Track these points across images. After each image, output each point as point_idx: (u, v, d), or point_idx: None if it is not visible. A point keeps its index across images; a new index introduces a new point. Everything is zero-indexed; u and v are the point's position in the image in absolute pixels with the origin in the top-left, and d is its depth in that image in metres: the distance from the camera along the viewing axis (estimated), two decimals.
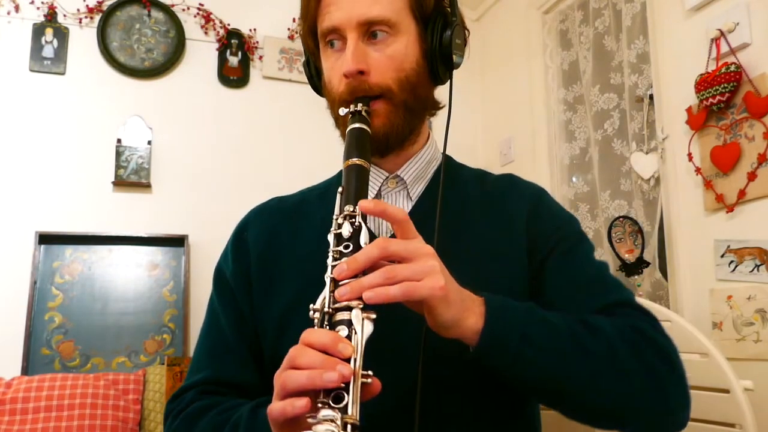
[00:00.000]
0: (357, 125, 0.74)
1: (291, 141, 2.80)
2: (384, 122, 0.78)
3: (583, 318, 0.71)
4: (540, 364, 0.66)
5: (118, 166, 2.53)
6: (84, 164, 2.53)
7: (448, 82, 0.85)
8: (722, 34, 1.78)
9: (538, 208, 0.85)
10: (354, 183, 0.68)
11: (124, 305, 2.45)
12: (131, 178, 2.54)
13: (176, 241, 2.55)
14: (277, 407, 0.55)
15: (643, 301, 1.48)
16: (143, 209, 2.56)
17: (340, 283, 0.59)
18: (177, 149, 2.64)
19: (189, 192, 2.63)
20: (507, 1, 3.00)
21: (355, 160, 0.69)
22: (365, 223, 0.64)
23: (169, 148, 2.63)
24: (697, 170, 1.86)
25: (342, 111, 0.77)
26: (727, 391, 1.23)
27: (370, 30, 0.77)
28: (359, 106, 0.75)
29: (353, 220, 0.64)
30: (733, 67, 1.73)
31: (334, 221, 0.66)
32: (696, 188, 1.89)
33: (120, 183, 2.53)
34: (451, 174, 0.86)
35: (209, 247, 2.51)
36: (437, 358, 0.71)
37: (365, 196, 0.67)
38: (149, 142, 2.58)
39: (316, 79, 0.88)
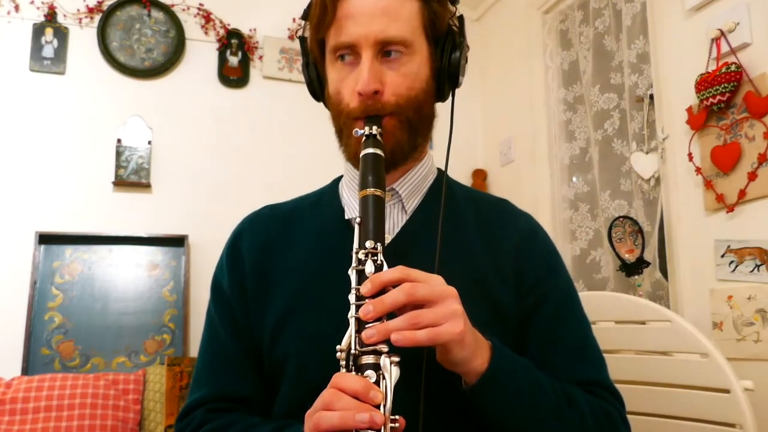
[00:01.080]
0: (371, 150, 0.74)
1: (291, 141, 2.80)
2: (391, 140, 0.79)
3: (564, 387, 0.75)
4: (522, 420, 0.70)
5: (118, 166, 2.53)
6: (84, 164, 2.53)
7: (450, 101, 0.86)
8: (722, 34, 1.77)
9: (528, 245, 0.85)
10: (372, 216, 0.69)
11: (124, 305, 2.45)
12: (131, 178, 2.54)
13: (176, 241, 2.55)
14: None
15: (642, 301, 1.49)
16: (143, 209, 2.56)
17: (367, 325, 0.62)
18: (177, 149, 2.64)
19: (189, 192, 2.63)
20: (507, 1, 3.00)
21: (372, 191, 0.70)
22: (386, 261, 0.66)
23: (169, 148, 2.63)
24: (698, 170, 1.86)
25: (356, 132, 0.77)
26: (727, 391, 1.23)
27: (385, 48, 0.78)
28: (374, 129, 0.76)
29: (375, 257, 0.66)
30: (733, 67, 1.72)
31: (354, 256, 0.67)
32: (696, 188, 1.89)
33: (120, 183, 2.53)
34: (447, 191, 0.86)
35: (209, 247, 2.51)
36: (439, 383, 0.72)
37: (383, 231, 0.69)
38: (149, 142, 2.58)
39: (316, 84, 0.88)
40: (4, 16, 2.52)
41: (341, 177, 0.93)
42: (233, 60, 2.79)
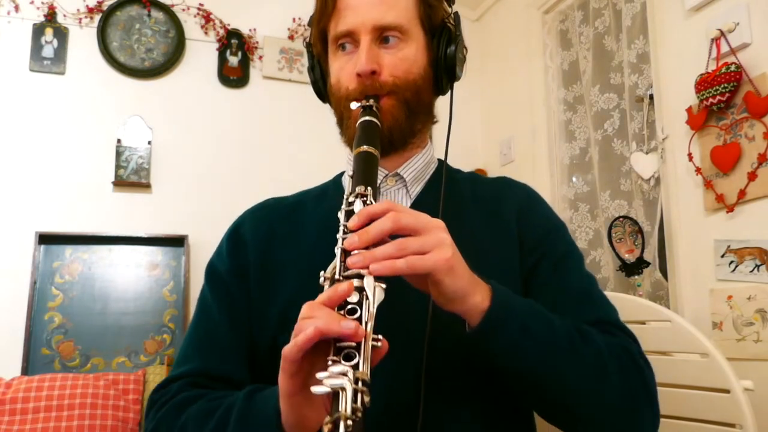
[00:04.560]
0: (367, 118, 0.77)
1: (291, 141, 2.80)
2: (389, 118, 0.81)
3: (575, 323, 0.73)
4: (533, 356, 0.67)
5: (118, 166, 2.53)
6: (84, 164, 2.53)
7: (449, 94, 0.89)
8: (722, 34, 1.77)
9: (529, 210, 0.88)
10: (364, 167, 0.71)
11: (124, 305, 2.45)
12: (131, 178, 2.54)
13: (176, 241, 2.55)
14: (289, 344, 0.56)
15: (642, 301, 1.49)
16: (143, 209, 2.56)
17: (352, 253, 0.60)
18: (177, 149, 2.64)
19: (189, 192, 2.63)
20: (507, 1, 3.00)
21: (364, 148, 0.72)
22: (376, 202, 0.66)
23: (169, 148, 2.63)
24: (697, 170, 1.86)
25: (353, 105, 0.80)
26: (727, 391, 1.23)
27: (383, 34, 0.81)
28: (370, 101, 0.79)
29: (365, 198, 0.66)
30: (733, 67, 1.73)
31: (344, 200, 0.67)
32: (696, 188, 1.89)
33: (120, 183, 2.53)
34: (448, 176, 0.88)
35: (209, 247, 2.48)
36: (443, 339, 0.72)
37: (375, 179, 0.70)
38: (149, 142, 2.58)
39: (321, 84, 0.91)
40: (4, 16, 2.52)
41: (344, 172, 0.95)
42: (233, 60, 2.79)
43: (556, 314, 0.73)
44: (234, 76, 2.79)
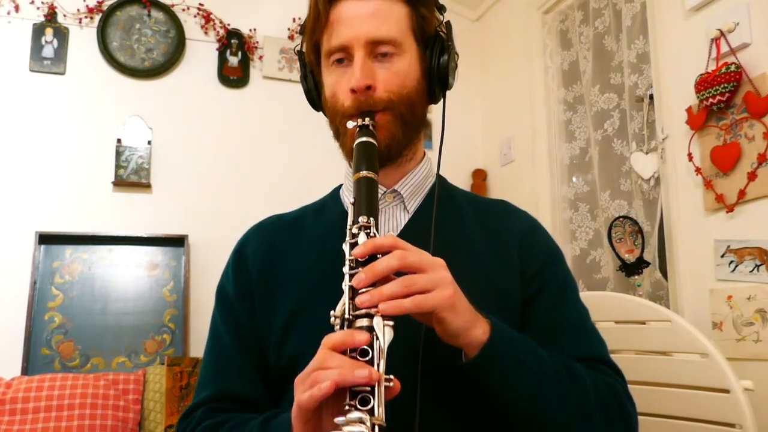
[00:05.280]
0: (365, 139, 0.77)
1: (291, 141, 2.80)
2: (386, 134, 0.82)
3: (565, 361, 0.76)
4: (524, 390, 0.70)
5: (118, 166, 2.53)
6: (84, 164, 2.53)
7: (442, 102, 0.89)
8: (722, 34, 1.78)
9: (531, 237, 0.89)
10: (365, 195, 0.71)
11: (124, 305, 2.45)
12: (131, 178, 2.54)
13: (176, 241, 2.55)
14: (304, 395, 0.58)
15: (643, 301, 1.49)
16: (143, 209, 2.56)
17: (360, 291, 0.62)
18: (177, 149, 2.65)
19: (189, 192, 2.63)
20: (507, 1, 3.00)
21: (365, 173, 0.73)
22: (379, 234, 0.68)
23: (169, 148, 2.63)
24: (697, 170, 1.86)
25: (350, 124, 0.81)
26: (727, 391, 1.23)
27: (376, 48, 0.81)
28: (366, 120, 0.79)
29: (368, 230, 0.68)
30: (733, 67, 1.73)
31: (348, 231, 0.69)
32: (696, 188, 1.89)
33: (120, 183, 2.53)
34: (445, 192, 0.91)
35: (209, 247, 2.51)
36: (435, 366, 0.73)
37: (376, 208, 0.71)
38: (149, 142, 2.58)
39: (314, 93, 0.91)
40: (4, 16, 2.52)
41: (341, 185, 0.96)
42: (233, 60, 2.79)
43: (550, 348, 0.76)
44: (234, 76, 2.79)
